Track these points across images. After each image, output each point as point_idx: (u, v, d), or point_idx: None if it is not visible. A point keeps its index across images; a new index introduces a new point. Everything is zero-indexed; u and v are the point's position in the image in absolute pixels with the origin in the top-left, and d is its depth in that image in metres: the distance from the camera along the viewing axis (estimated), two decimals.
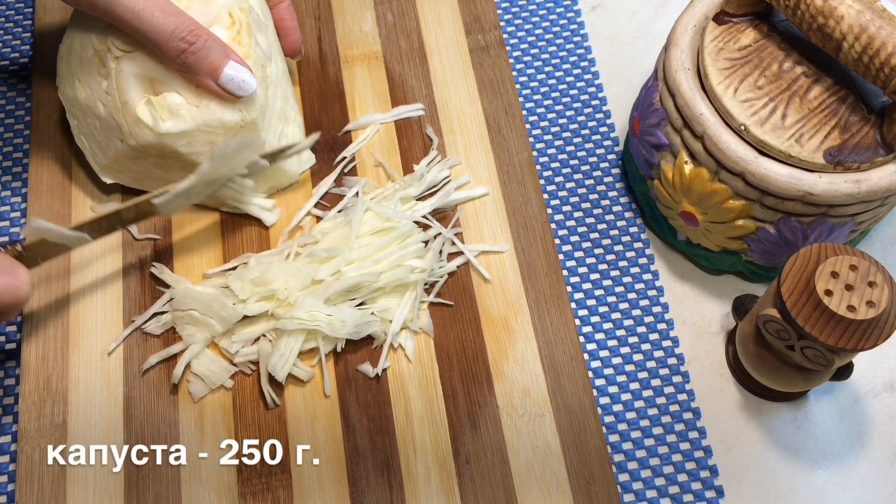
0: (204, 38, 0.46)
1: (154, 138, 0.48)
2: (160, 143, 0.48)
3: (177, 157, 0.49)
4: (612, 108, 0.61)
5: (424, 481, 0.48)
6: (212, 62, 0.46)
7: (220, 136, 0.49)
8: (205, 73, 0.47)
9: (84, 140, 0.52)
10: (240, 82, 0.47)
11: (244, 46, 0.49)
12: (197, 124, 0.48)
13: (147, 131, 0.48)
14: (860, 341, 0.41)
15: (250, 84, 0.48)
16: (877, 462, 0.50)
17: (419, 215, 0.54)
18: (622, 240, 0.56)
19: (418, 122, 0.58)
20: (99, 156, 0.52)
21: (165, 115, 0.47)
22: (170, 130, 0.47)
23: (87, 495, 0.47)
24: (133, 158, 0.50)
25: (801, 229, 0.47)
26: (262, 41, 0.51)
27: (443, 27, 0.62)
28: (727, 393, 0.52)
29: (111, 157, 0.51)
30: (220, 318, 0.50)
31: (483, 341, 0.52)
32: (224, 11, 0.49)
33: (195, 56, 0.46)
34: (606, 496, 0.48)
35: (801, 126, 0.46)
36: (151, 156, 0.50)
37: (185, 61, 0.46)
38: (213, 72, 0.47)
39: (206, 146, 0.49)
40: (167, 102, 0.47)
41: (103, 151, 0.51)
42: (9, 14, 0.63)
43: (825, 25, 0.44)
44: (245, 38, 0.49)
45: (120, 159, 0.51)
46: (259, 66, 0.50)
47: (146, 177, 0.52)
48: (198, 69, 0.46)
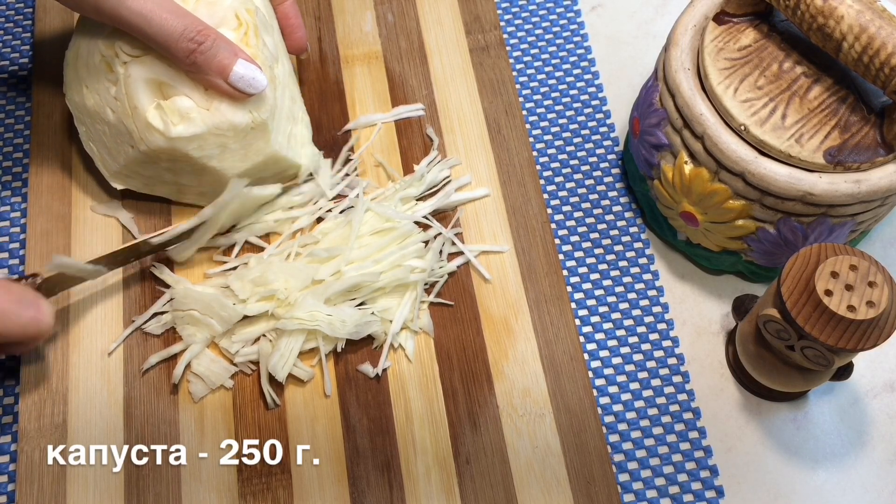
0: (213, 37, 0.46)
1: (165, 143, 0.47)
2: (171, 148, 0.48)
3: (188, 160, 0.49)
4: (612, 108, 0.61)
5: (424, 481, 0.48)
6: (221, 61, 0.46)
7: (231, 138, 0.48)
8: (215, 73, 0.46)
9: (93, 146, 0.52)
10: (250, 80, 0.47)
11: (252, 47, 0.49)
12: (208, 127, 0.47)
13: (158, 136, 0.47)
14: (860, 341, 0.41)
15: (261, 81, 0.48)
16: (877, 462, 0.50)
17: (419, 216, 0.54)
18: (622, 240, 0.56)
19: (418, 122, 0.58)
20: (109, 162, 0.52)
21: (176, 119, 0.47)
22: (181, 134, 0.47)
23: (87, 495, 0.47)
24: (143, 164, 0.50)
25: (801, 229, 0.47)
26: (269, 42, 0.51)
27: (443, 27, 0.62)
28: (727, 393, 0.52)
29: (122, 164, 0.51)
30: (220, 319, 0.50)
31: (483, 341, 0.52)
32: (230, 13, 0.49)
33: (204, 56, 0.46)
34: (606, 496, 0.48)
35: (801, 126, 0.46)
36: (162, 160, 0.49)
37: (195, 61, 0.46)
38: (222, 70, 0.46)
39: (217, 149, 0.48)
40: (177, 106, 0.47)
41: (113, 157, 0.51)
42: (9, 14, 0.63)
43: (825, 25, 0.44)
44: (252, 39, 0.49)
45: (130, 165, 0.51)
46: (267, 66, 0.50)
47: (157, 182, 0.52)
48: (207, 69, 0.46)
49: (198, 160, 0.48)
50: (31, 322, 0.45)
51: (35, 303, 0.45)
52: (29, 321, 0.45)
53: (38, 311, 0.45)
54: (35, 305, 0.45)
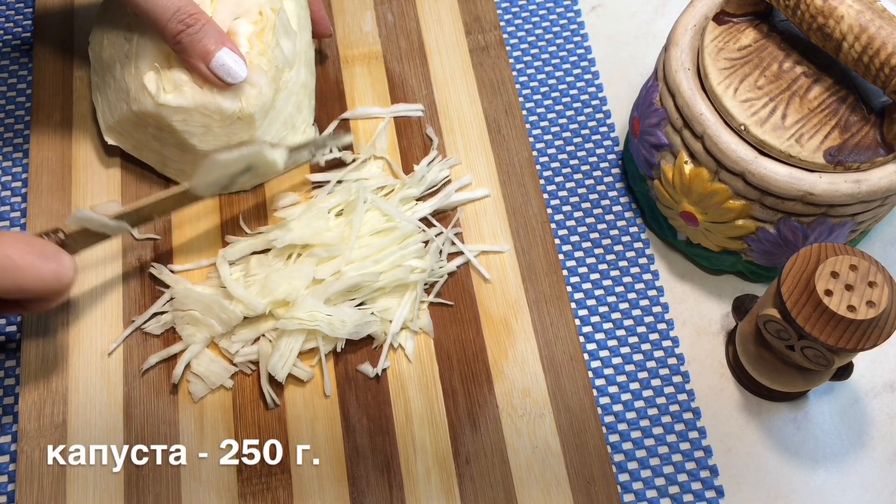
0: (202, 22, 0.47)
1: (153, 107, 0.49)
2: (157, 114, 0.49)
3: (172, 132, 0.50)
4: (612, 108, 0.61)
5: (424, 481, 0.48)
6: (205, 46, 0.47)
7: (217, 122, 0.50)
8: (197, 56, 0.48)
9: (98, 97, 0.54)
10: (229, 69, 0.48)
11: (263, 44, 0.50)
12: (195, 103, 0.49)
13: (148, 99, 0.49)
14: (860, 341, 0.41)
15: (239, 73, 0.48)
16: (877, 462, 0.50)
17: (419, 216, 0.54)
18: (622, 240, 0.56)
19: (418, 122, 0.58)
20: (107, 115, 0.54)
21: (169, 87, 0.49)
22: (168, 103, 0.49)
23: (87, 495, 0.47)
24: (135, 125, 0.52)
25: (801, 229, 0.47)
26: (286, 46, 0.52)
27: (443, 27, 0.62)
28: (727, 393, 0.52)
29: (116, 119, 0.52)
30: (220, 320, 0.50)
31: (483, 341, 0.52)
32: (255, 7, 0.51)
33: (190, 38, 0.47)
34: (606, 496, 0.48)
35: (801, 126, 0.46)
36: (150, 126, 0.51)
37: (181, 41, 0.47)
38: (205, 55, 0.48)
39: (200, 128, 0.50)
40: (173, 76, 0.49)
41: (111, 112, 0.53)
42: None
43: (825, 25, 0.44)
44: (267, 36, 0.50)
45: (123, 123, 0.52)
46: (273, 66, 0.50)
47: (144, 147, 0.53)
48: (191, 51, 0.48)
49: (180, 133, 0.50)
50: (53, 276, 0.44)
51: (56, 256, 0.44)
52: (50, 275, 0.44)
53: (60, 265, 0.44)
54: (56, 259, 0.44)
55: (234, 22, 0.50)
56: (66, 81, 0.58)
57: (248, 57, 0.50)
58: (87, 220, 0.47)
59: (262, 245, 0.52)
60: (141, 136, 0.52)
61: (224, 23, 0.50)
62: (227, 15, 0.50)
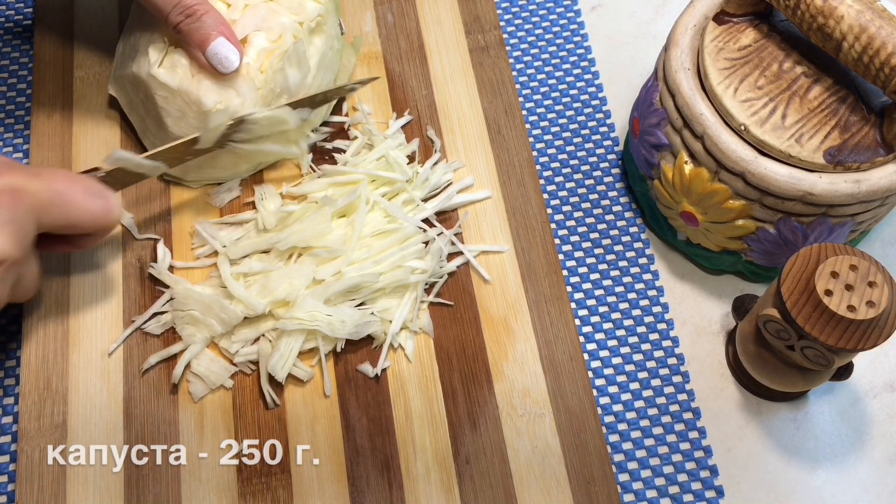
0: (200, 13, 0.49)
1: (146, 74, 0.51)
2: (146, 83, 0.51)
3: (153, 105, 0.51)
4: (612, 108, 0.61)
5: (424, 481, 0.48)
6: (203, 34, 0.49)
7: (193, 112, 0.51)
8: (195, 44, 0.49)
9: (121, 46, 0.55)
10: (222, 58, 0.49)
11: (268, 62, 0.51)
12: (180, 87, 0.50)
13: (144, 65, 0.51)
14: (860, 341, 0.41)
15: (232, 63, 0.49)
16: (877, 462, 0.50)
17: (421, 217, 0.54)
18: (622, 240, 0.56)
19: (418, 123, 0.58)
20: (118, 65, 0.55)
21: (167, 63, 0.50)
22: (157, 76, 0.50)
23: (87, 495, 0.47)
24: (132, 84, 0.53)
25: (801, 229, 0.47)
26: (293, 76, 0.52)
27: (443, 27, 0.62)
28: (727, 393, 0.52)
29: (121, 73, 0.54)
30: (220, 320, 0.50)
31: (483, 341, 0.52)
32: (279, 28, 0.52)
33: (189, 27, 0.49)
34: (606, 496, 0.48)
35: (801, 126, 0.46)
36: (140, 91, 0.52)
37: (180, 29, 0.49)
38: (201, 43, 0.49)
39: (178, 112, 0.51)
40: (174, 55, 0.50)
41: (121, 64, 0.54)
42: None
43: (825, 25, 0.44)
44: (274, 59, 0.51)
45: (126, 77, 0.53)
46: (269, 88, 0.51)
47: (133, 108, 0.55)
48: (189, 39, 0.49)
49: (160, 109, 0.51)
50: (101, 212, 0.45)
51: (103, 193, 0.46)
52: (99, 210, 0.45)
53: (107, 202, 0.45)
54: (103, 195, 0.45)
55: (254, 32, 0.51)
56: (67, 68, 0.59)
57: (247, 69, 0.50)
58: (124, 159, 0.48)
59: (265, 245, 0.52)
60: (134, 97, 0.54)
61: (244, 29, 0.51)
62: (250, 24, 0.51)
